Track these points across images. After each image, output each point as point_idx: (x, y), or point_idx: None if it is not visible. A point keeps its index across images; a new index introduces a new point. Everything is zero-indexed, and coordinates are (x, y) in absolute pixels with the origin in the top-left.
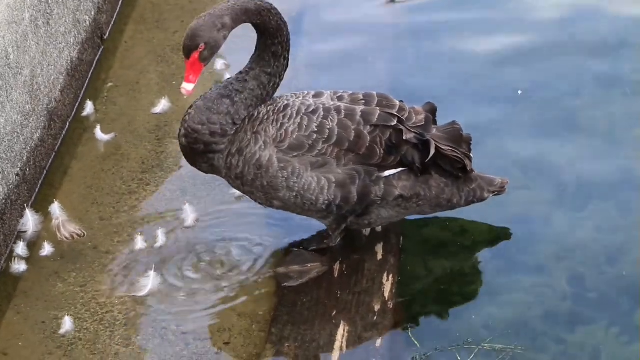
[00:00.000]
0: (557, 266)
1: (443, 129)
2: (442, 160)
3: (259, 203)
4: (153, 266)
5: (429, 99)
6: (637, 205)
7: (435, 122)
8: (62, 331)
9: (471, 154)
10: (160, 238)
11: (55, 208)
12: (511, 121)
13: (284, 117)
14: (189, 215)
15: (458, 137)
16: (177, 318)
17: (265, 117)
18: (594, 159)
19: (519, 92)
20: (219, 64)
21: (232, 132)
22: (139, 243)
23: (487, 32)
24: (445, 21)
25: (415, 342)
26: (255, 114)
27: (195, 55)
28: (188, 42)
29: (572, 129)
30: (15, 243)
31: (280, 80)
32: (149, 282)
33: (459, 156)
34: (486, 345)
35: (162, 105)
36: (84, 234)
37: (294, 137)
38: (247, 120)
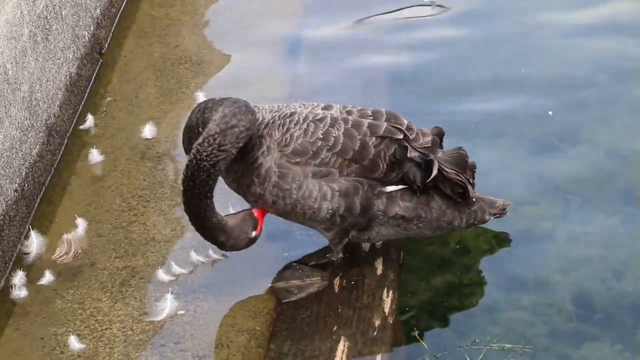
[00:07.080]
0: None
1: (449, 153)
2: (443, 183)
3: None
4: (170, 289)
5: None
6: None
7: (441, 147)
8: (66, 349)
9: (474, 181)
10: (175, 268)
11: (81, 222)
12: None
13: (290, 122)
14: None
15: (463, 163)
16: (175, 335)
17: (271, 122)
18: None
19: (550, 112)
20: (199, 96)
21: None
22: (163, 276)
23: None
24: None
25: (424, 345)
26: (260, 118)
27: None
28: None
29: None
30: (14, 267)
31: None
32: (167, 305)
33: (462, 180)
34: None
35: (148, 129)
36: (79, 253)
37: (299, 142)
38: None
